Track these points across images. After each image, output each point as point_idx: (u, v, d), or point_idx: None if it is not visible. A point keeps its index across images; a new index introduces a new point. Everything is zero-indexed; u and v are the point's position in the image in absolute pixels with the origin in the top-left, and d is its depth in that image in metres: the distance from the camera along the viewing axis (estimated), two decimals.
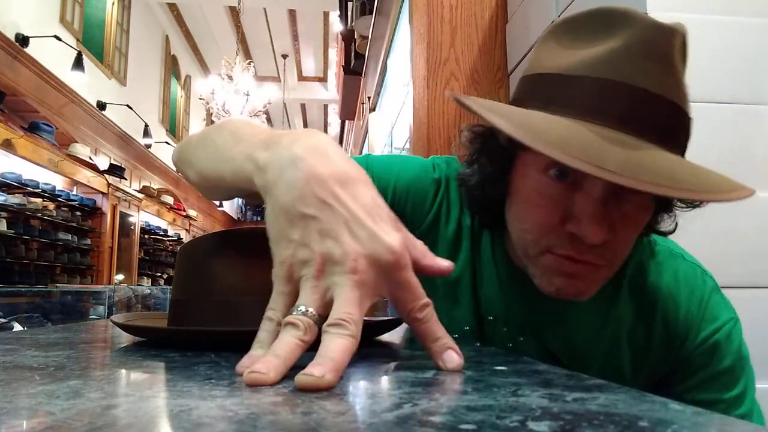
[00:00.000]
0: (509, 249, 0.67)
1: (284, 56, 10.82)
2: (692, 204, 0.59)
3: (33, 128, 5.64)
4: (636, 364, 0.67)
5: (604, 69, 0.50)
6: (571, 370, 0.69)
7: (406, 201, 0.71)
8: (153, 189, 8.91)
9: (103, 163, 7.11)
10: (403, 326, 0.78)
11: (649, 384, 0.68)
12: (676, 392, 0.66)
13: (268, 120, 13.15)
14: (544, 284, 0.58)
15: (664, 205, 0.59)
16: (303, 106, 13.22)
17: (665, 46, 0.50)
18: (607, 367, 0.67)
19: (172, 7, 9.25)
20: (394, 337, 0.64)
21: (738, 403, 0.63)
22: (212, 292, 0.57)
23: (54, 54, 5.66)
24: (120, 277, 7.72)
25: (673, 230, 0.63)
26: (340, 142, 11.48)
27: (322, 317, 0.37)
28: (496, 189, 0.62)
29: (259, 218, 16.99)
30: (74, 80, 6.08)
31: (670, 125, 0.50)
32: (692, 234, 1.06)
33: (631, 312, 0.66)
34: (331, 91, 11.63)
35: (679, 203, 0.59)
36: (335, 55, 9.80)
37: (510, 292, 0.68)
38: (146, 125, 7.86)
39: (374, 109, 3.68)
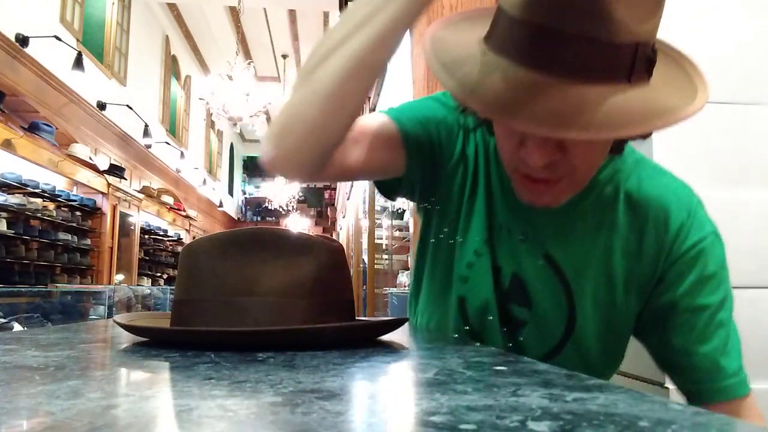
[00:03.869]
0: None
1: (284, 56, 10.80)
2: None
3: (33, 128, 5.64)
4: (628, 276, 0.71)
5: (534, 12, 0.52)
6: (568, 278, 0.72)
7: (440, 135, 0.76)
8: (153, 189, 8.90)
9: (103, 163, 7.10)
10: (404, 326, 0.78)
11: (639, 304, 0.72)
12: (666, 301, 0.71)
13: (268, 120, 13.15)
14: (519, 196, 0.67)
15: None
16: None
17: None
18: (600, 278, 0.71)
19: (172, 7, 9.24)
20: (394, 337, 0.64)
21: (722, 306, 0.69)
22: (216, 292, 0.57)
23: (54, 54, 5.65)
24: (120, 277, 7.72)
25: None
26: None
27: None
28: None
29: (258, 218, 16.99)
30: (74, 80, 6.07)
31: (602, 62, 0.51)
32: None
33: (625, 221, 0.72)
34: None
35: None
36: None
37: (512, 201, 0.73)
38: (146, 125, 7.86)
39: (374, 109, 3.68)
